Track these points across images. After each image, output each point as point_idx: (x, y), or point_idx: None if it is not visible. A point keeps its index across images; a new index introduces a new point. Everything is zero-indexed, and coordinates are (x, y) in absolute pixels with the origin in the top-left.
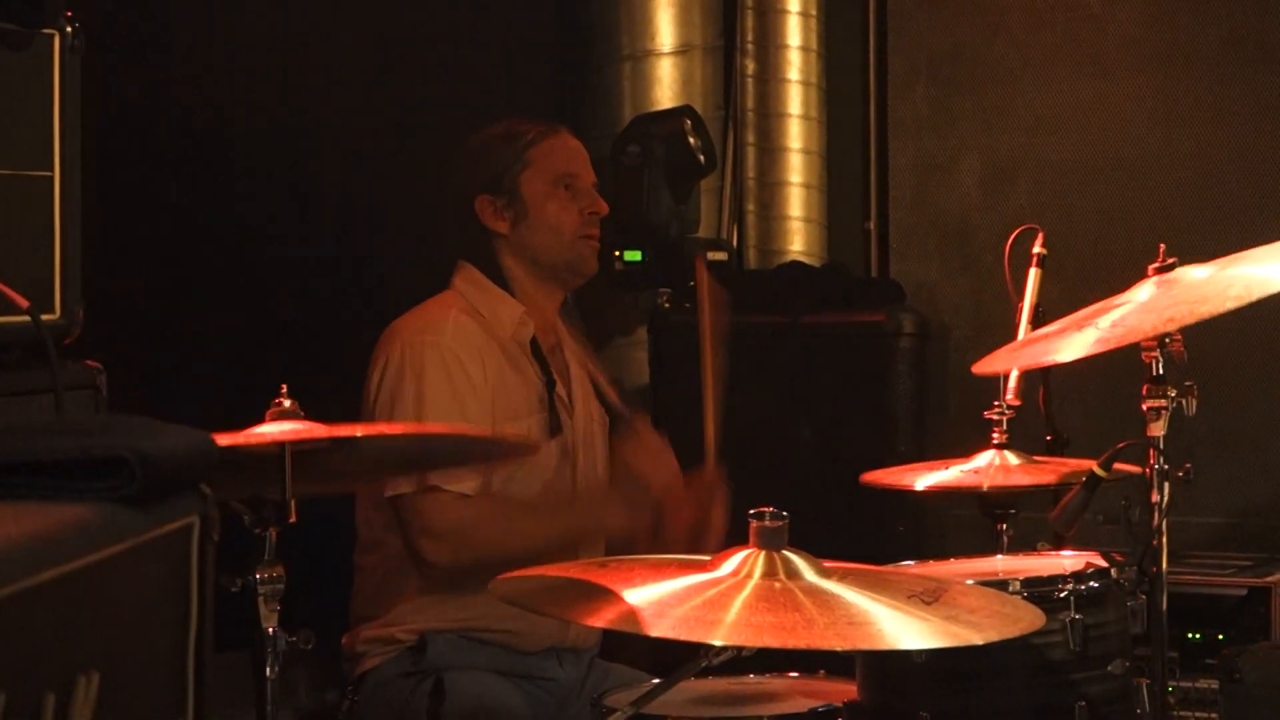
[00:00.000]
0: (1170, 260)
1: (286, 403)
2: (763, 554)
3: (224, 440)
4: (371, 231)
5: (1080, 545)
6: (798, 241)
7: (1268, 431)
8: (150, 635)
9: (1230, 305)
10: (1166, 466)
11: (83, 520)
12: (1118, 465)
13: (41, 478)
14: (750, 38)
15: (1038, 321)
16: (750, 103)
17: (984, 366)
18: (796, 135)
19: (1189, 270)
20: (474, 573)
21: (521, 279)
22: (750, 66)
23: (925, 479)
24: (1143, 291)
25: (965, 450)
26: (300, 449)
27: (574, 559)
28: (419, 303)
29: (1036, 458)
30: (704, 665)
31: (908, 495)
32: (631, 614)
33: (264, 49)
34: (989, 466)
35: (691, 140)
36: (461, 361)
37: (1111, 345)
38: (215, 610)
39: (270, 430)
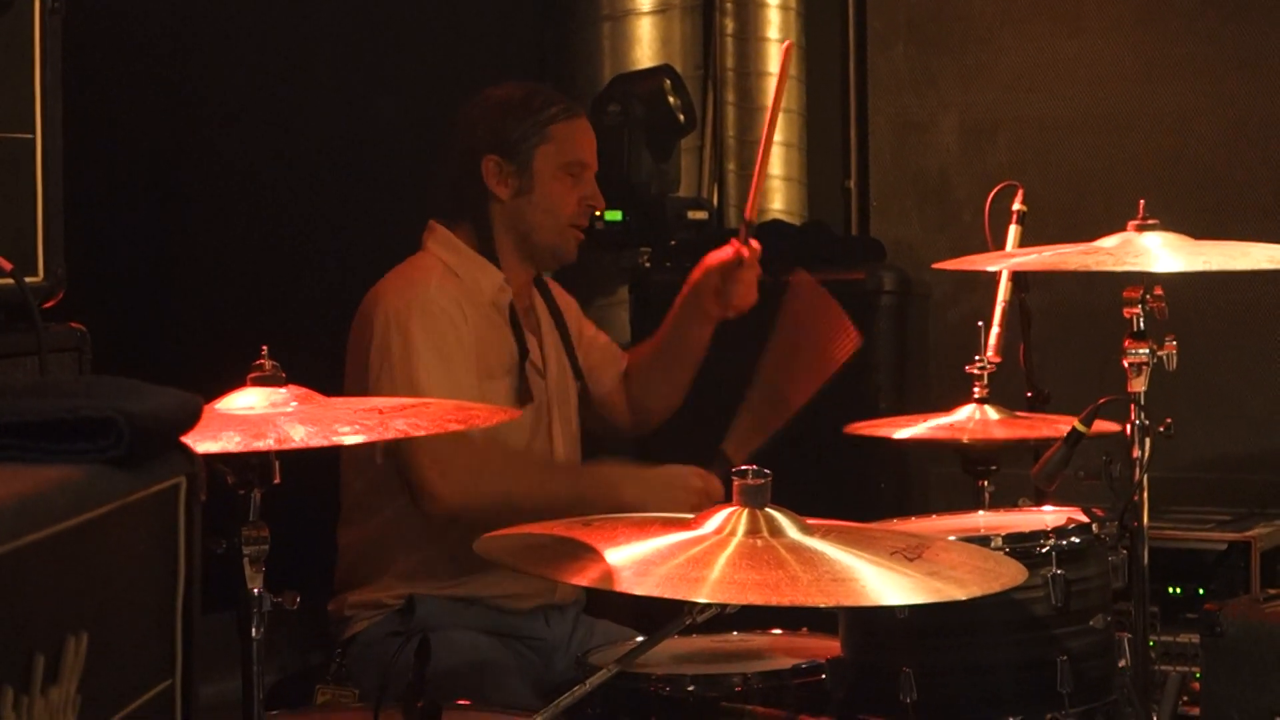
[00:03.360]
0: (1150, 220)
1: (267, 364)
2: (746, 511)
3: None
4: (353, 192)
5: (1061, 501)
6: (778, 200)
7: (1248, 386)
8: (138, 595)
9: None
10: (1147, 422)
11: (70, 481)
12: (1099, 421)
13: (28, 439)
14: None
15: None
16: (730, 61)
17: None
18: (774, 94)
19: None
20: (471, 524)
21: (505, 246)
22: (729, 25)
23: (905, 431)
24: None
25: (947, 405)
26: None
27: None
28: (397, 263)
29: (1017, 413)
30: (688, 623)
31: (889, 452)
32: (615, 572)
33: (243, 8)
34: (969, 420)
35: (671, 99)
36: (449, 315)
37: None
38: (201, 571)
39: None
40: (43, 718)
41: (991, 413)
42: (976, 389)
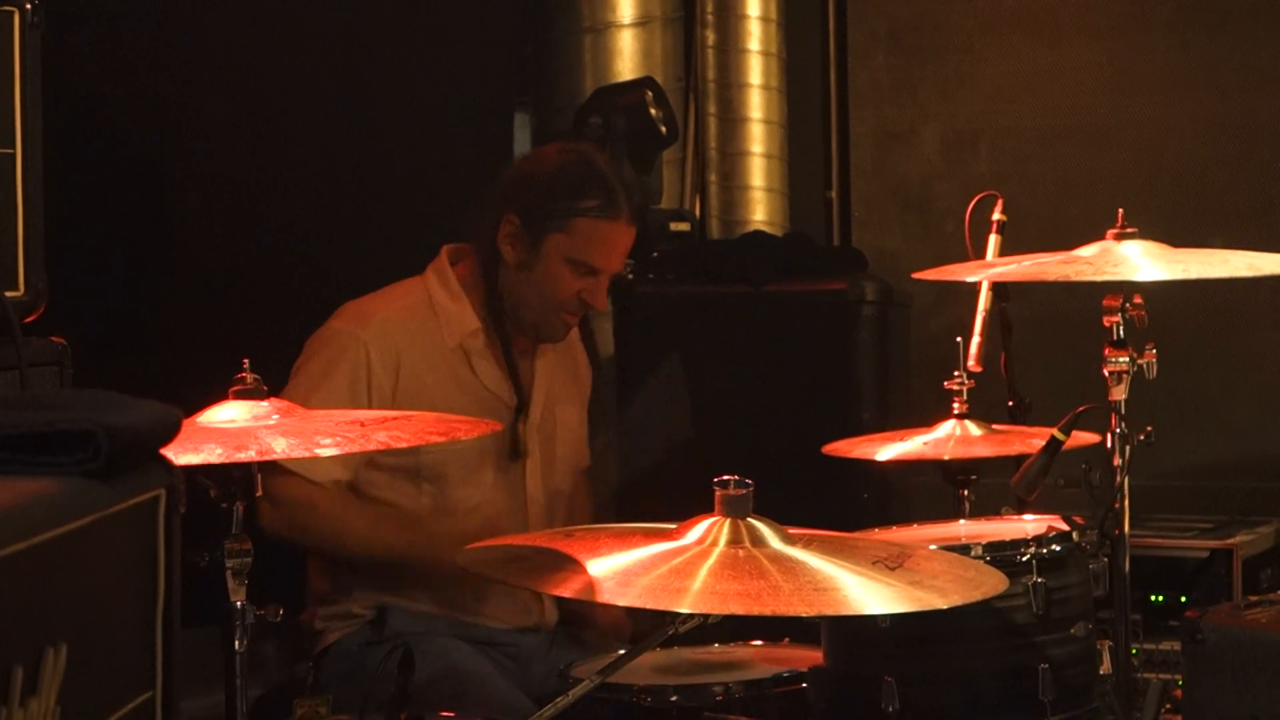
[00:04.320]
0: (1130, 229)
1: (249, 378)
2: (728, 522)
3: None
4: (333, 207)
5: (1042, 509)
6: (760, 211)
7: (1228, 394)
8: (118, 607)
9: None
10: (1127, 430)
11: (49, 494)
12: (1079, 430)
13: (7, 452)
14: (710, 8)
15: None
16: (711, 73)
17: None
18: (757, 105)
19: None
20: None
21: (504, 299)
22: (710, 37)
23: (887, 450)
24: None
25: (928, 417)
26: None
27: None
28: (385, 278)
29: (996, 426)
30: (670, 634)
31: (871, 462)
32: (598, 583)
33: (225, 26)
34: (949, 437)
35: (653, 111)
36: (369, 365)
37: None
38: (183, 584)
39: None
40: None
41: (972, 428)
42: (956, 405)
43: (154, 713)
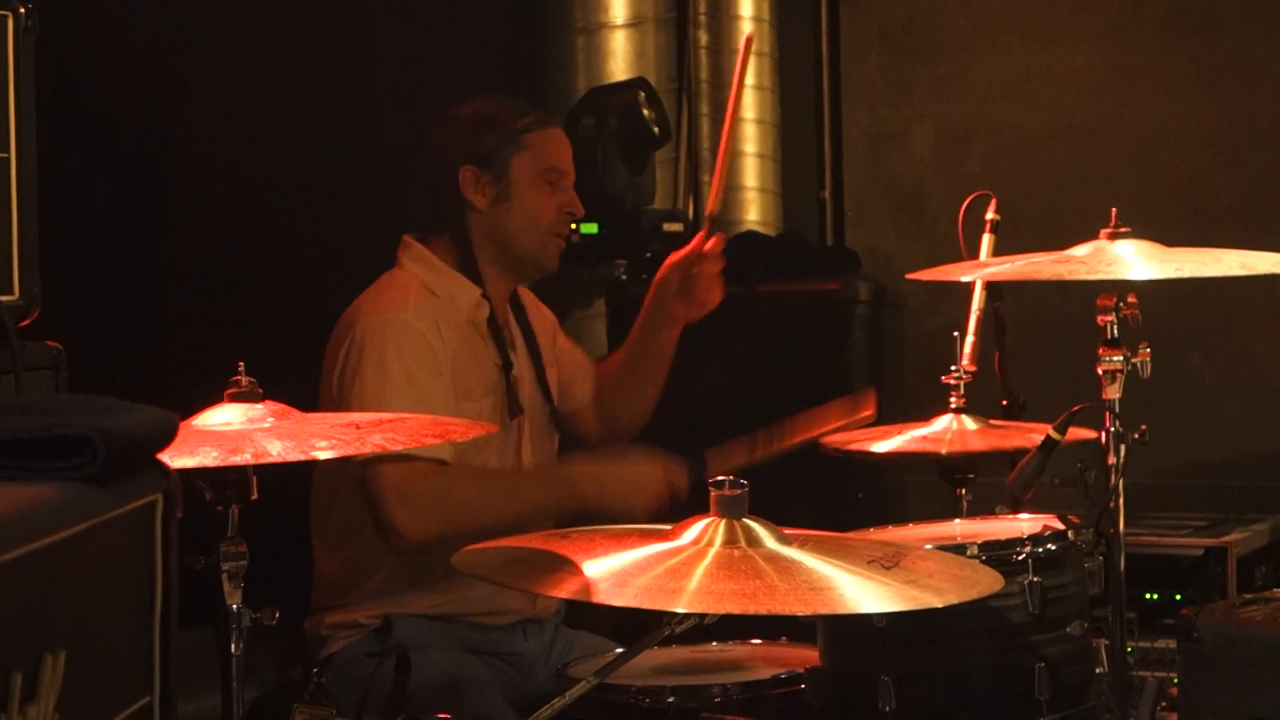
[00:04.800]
0: (1123, 228)
1: (244, 380)
2: (723, 522)
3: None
4: (330, 205)
5: (1037, 508)
6: (753, 211)
7: (1222, 392)
8: (116, 613)
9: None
10: (1122, 429)
11: (47, 499)
12: (1074, 429)
13: (5, 458)
14: (703, 9)
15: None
16: (704, 74)
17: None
18: (750, 105)
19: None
20: (445, 547)
21: (485, 258)
22: (703, 38)
23: (883, 444)
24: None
25: (923, 416)
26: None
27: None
28: (375, 279)
29: (993, 421)
30: (667, 634)
31: (866, 461)
32: (593, 584)
33: (219, 29)
34: (946, 431)
35: (646, 112)
36: (425, 337)
37: None
38: (179, 587)
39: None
40: None
41: (969, 423)
42: (953, 399)
43: (152, 717)
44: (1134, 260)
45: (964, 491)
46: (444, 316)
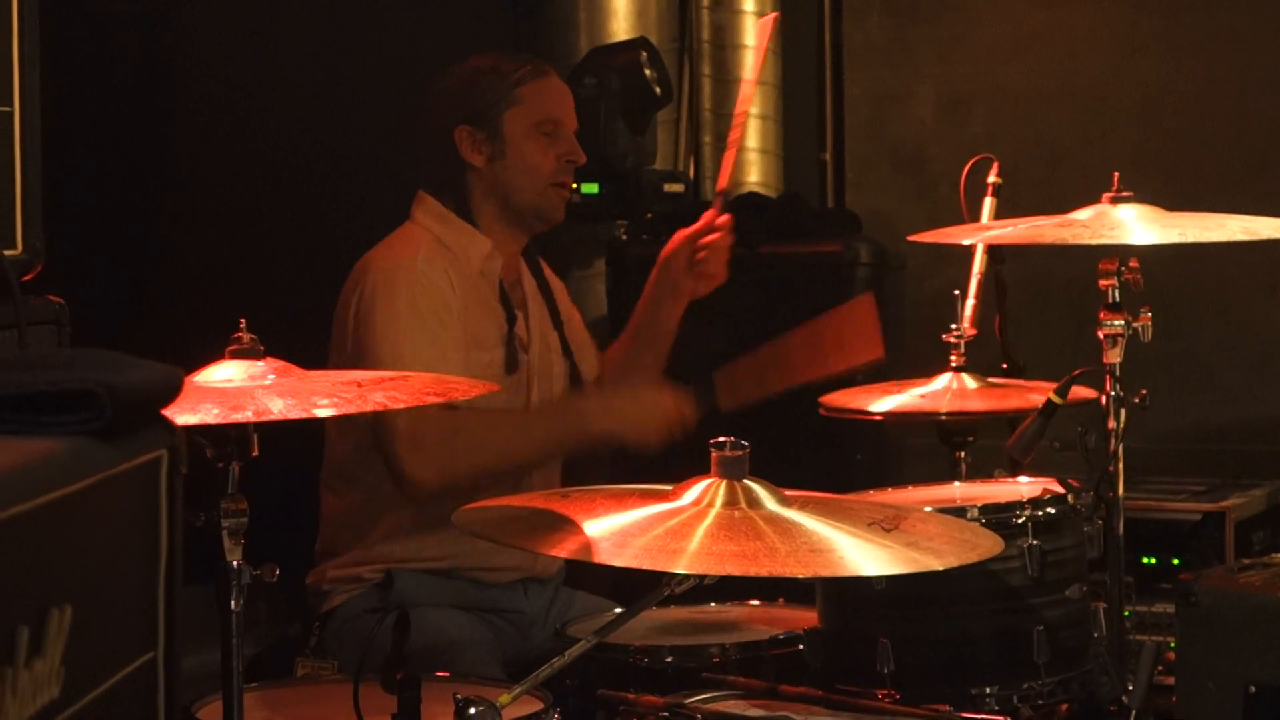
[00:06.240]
0: (1125, 192)
1: (245, 337)
2: (724, 483)
3: None
4: (331, 163)
5: (1037, 472)
6: (754, 173)
7: (1222, 357)
8: (121, 568)
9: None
10: (1122, 393)
11: (52, 454)
12: (1074, 392)
13: (10, 412)
14: None
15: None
16: (706, 34)
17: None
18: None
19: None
20: (457, 493)
21: (488, 215)
22: None
23: (883, 403)
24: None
25: (923, 376)
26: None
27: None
28: (381, 235)
29: (993, 380)
30: (666, 594)
31: (866, 423)
32: (594, 544)
33: None
34: (946, 390)
35: (647, 72)
36: (438, 288)
37: None
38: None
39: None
40: (27, 690)
41: (969, 381)
42: (953, 358)
43: (156, 672)
44: (1136, 225)
45: (963, 454)
46: (455, 268)
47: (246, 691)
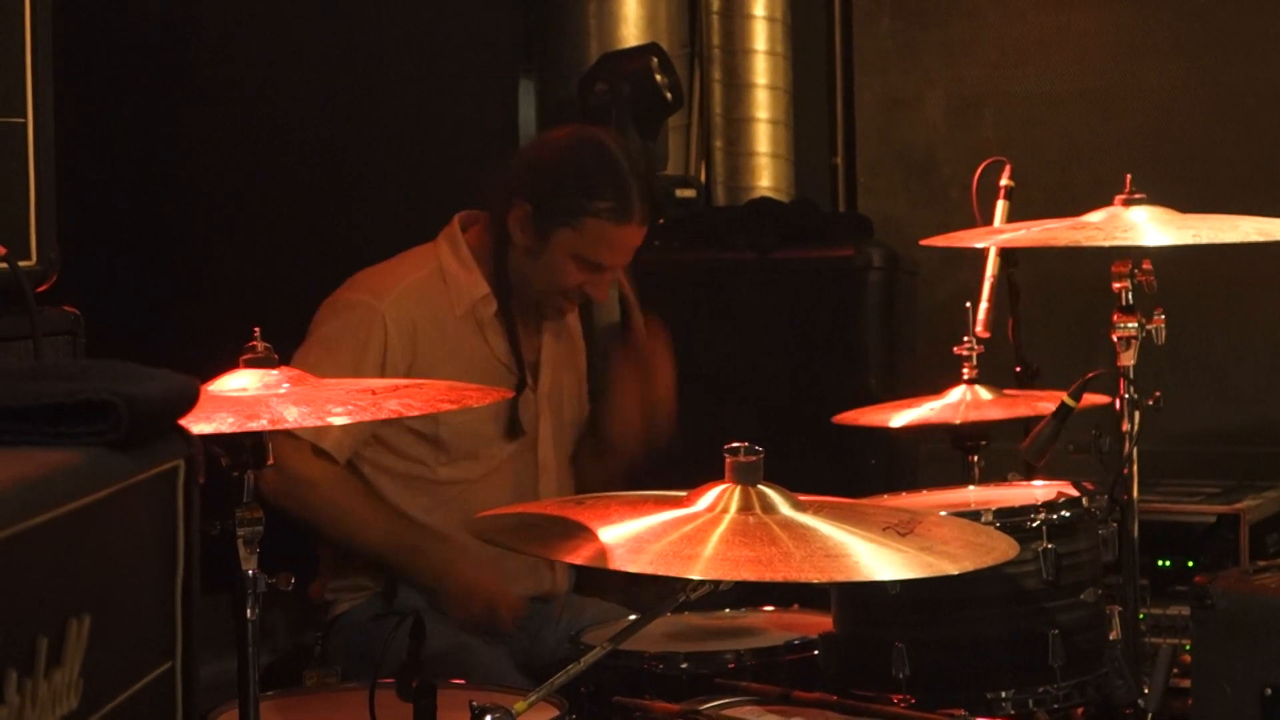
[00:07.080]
0: (1138, 194)
1: (260, 346)
2: (738, 489)
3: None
4: (345, 173)
5: (1051, 475)
6: (765, 177)
7: (1236, 359)
8: (139, 578)
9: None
10: (1136, 395)
11: (70, 465)
12: (1088, 395)
13: (28, 423)
14: None
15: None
16: (716, 39)
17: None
18: (763, 71)
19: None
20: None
21: (510, 270)
22: (715, 3)
23: (899, 417)
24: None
25: (936, 383)
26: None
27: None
28: (396, 246)
29: (1007, 391)
30: (681, 600)
31: (879, 429)
32: (609, 550)
33: None
34: (960, 402)
35: (658, 78)
36: (386, 338)
37: None
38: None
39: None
40: (46, 700)
41: (983, 393)
42: (966, 370)
43: (174, 682)
44: (1148, 227)
45: (976, 458)
46: (445, 299)
47: (262, 700)
